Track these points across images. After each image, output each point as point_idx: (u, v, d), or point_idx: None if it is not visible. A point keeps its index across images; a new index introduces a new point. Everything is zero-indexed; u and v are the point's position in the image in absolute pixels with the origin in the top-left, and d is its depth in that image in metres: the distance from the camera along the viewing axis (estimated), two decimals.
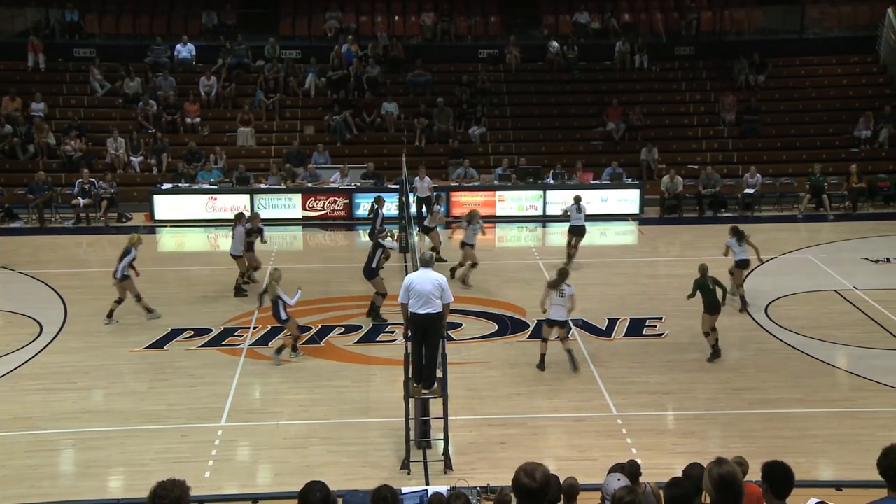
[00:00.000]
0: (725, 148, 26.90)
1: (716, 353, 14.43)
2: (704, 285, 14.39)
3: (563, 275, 14.04)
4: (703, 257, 20.07)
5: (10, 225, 23.01)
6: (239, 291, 17.52)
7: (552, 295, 13.91)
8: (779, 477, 5.24)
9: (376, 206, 19.15)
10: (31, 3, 29.34)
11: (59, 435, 12.10)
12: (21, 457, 11.53)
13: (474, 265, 18.13)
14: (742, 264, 16.66)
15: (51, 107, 26.44)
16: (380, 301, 16.22)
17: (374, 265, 15.98)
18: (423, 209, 21.95)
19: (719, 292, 14.61)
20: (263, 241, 18.37)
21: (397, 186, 22.01)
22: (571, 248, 19.42)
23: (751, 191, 24.14)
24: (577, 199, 19.58)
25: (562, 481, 7.82)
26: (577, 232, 19.34)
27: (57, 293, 16.56)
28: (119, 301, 16.08)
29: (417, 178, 22.35)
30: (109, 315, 16.03)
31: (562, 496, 7.78)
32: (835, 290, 17.93)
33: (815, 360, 14.63)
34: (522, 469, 4.89)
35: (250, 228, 17.70)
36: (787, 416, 12.64)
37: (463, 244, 18.11)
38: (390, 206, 20.86)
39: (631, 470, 8.15)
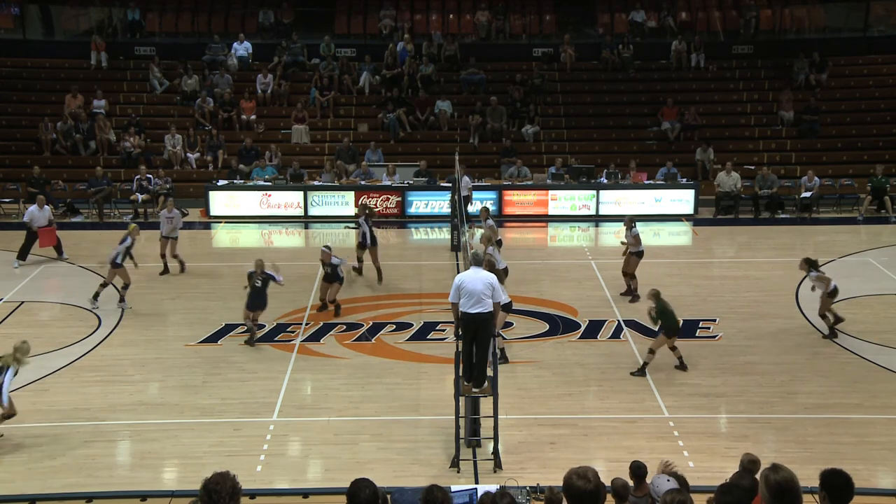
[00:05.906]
0: (783, 148, 26.42)
1: (682, 366, 13.97)
2: (663, 308, 13.78)
3: None
4: (758, 259, 19.94)
5: (72, 219, 23.48)
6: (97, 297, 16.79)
7: None
8: (838, 485, 5.09)
9: None
10: (95, 3, 30.00)
11: (116, 426, 12.34)
12: (80, 446, 11.78)
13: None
14: None
15: (111, 104, 26.98)
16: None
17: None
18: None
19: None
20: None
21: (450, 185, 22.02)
22: None
23: (808, 194, 23.67)
24: None
25: (611, 481, 7.77)
26: None
27: (115, 287, 16.90)
28: (104, 284, 16.74)
29: (465, 177, 22.07)
30: (95, 297, 16.73)
31: (613, 496, 7.73)
32: None
33: (875, 364, 14.30)
34: (574, 473, 4.76)
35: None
36: (845, 421, 12.39)
37: None
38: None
39: (638, 472, 8.21)
